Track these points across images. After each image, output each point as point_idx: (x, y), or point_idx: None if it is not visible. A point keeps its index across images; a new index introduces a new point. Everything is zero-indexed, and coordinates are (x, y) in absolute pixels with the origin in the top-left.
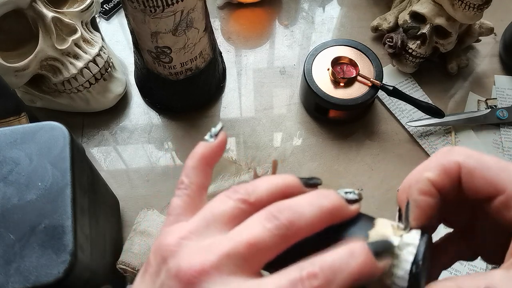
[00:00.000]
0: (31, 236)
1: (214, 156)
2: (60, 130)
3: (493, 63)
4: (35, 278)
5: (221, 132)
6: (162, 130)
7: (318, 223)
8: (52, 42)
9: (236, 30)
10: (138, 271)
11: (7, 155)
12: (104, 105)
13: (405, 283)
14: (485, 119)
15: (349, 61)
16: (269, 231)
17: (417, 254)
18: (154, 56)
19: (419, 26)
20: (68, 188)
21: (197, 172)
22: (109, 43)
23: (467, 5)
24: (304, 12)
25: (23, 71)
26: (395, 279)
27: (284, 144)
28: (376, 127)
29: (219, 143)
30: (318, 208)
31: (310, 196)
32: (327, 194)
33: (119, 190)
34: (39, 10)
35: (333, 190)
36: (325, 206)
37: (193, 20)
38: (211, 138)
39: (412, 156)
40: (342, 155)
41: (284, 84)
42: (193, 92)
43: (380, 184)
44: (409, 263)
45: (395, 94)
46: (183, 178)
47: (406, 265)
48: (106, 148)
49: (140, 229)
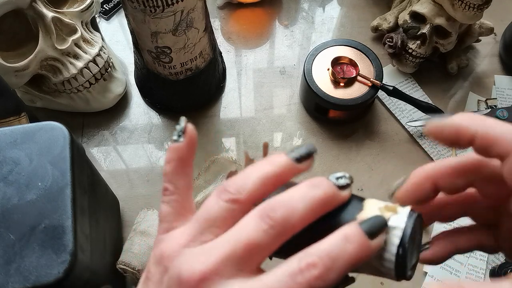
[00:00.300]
0: (31, 236)
1: (188, 155)
2: (60, 130)
3: (493, 63)
4: (35, 278)
5: (187, 126)
6: (162, 130)
7: (311, 215)
8: (52, 42)
9: (236, 30)
10: (138, 271)
11: (7, 155)
12: (104, 105)
13: (392, 265)
14: None
15: (349, 61)
16: (265, 231)
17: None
18: (154, 56)
19: (419, 26)
20: (68, 188)
21: (177, 176)
22: (109, 43)
23: (467, 5)
24: (304, 12)
25: (23, 71)
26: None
27: (284, 144)
28: (376, 127)
29: (189, 141)
30: (310, 201)
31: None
32: (319, 183)
33: (119, 190)
34: (39, 10)
35: (324, 177)
36: (318, 197)
37: (193, 20)
38: (179, 137)
39: (412, 156)
40: (342, 155)
41: (284, 84)
42: (193, 92)
43: (380, 184)
44: (395, 246)
45: (395, 94)
46: (166, 185)
47: (392, 248)
48: (106, 148)
49: (140, 229)
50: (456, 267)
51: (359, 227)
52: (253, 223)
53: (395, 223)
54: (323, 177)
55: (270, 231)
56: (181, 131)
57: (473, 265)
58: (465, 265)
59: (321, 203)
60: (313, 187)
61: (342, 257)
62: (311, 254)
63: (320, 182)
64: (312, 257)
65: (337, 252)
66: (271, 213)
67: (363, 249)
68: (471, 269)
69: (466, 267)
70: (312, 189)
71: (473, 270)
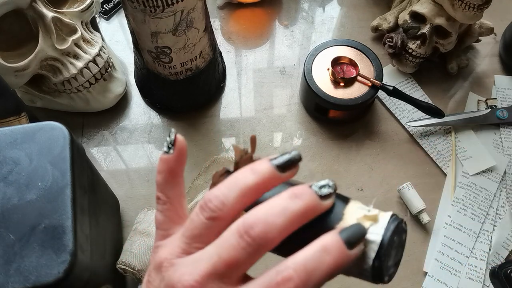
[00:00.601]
0: (31, 236)
1: (178, 166)
2: (60, 130)
3: (493, 63)
4: (35, 278)
5: (177, 139)
6: (162, 130)
7: (290, 228)
8: (52, 42)
9: (236, 30)
10: (138, 271)
11: (7, 155)
12: (104, 105)
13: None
14: (485, 119)
15: (349, 61)
16: (243, 249)
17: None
18: (154, 56)
19: (419, 26)
20: (68, 188)
21: (168, 186)
22: (109, 43)
23: (467, 5)
24: (304, 12)
25: (23, 71)
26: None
27: (284, 144)
28: (376, 127)
29: (178, 153)
30: (290, 215)
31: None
32: (301, 193)
33: (119, 190)
34: (39, 10)
35: (307, 185)
36: (298, 211)
37: (193, 20)
38: (170, 149)
39: (412, 156)
40: (342, 155)
41: (284, 84)
42: (193, 92)
43: (380, 184)
44: (371, 259)
45: (395, 94)
46: (158, 194)
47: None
48: (106, 148)
49: (140, 229)
50: (456, 267)
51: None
52: (232, 240)
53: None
54: (306, 185)
55: (249, 249)
56: (171, 143)
57: (473, 265)
58: (465, 265)
59: (301, 216)
60: (295, 199)
61: (320, 269)
62: (287, 267)
63: (303, 192)
64: (288, 271)
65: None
66: (250, 230)
67: (342, 259)
68: (471, 269)
69: (466, 267)
70: (293, 201)
71: (473, 270)
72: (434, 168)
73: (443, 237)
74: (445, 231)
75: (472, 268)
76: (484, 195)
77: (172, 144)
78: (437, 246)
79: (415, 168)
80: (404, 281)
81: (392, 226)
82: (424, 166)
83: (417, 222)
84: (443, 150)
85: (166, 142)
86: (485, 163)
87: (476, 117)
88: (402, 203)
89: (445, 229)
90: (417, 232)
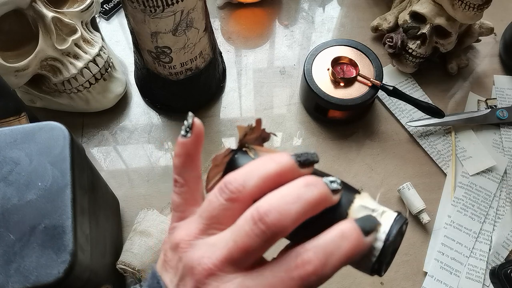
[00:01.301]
0: (31, 236)
1: (195, 150)
2: (60, 130)
3: (493, 63)
4: (35, 278)
5: (194, 122)
6: (162, 130)
7: (303, 217)
8: (52, 42)
9: (236, 30)
10: (138, 271)
11: (7, 155)
12: (104, 105)
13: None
14: (485, 119)
15: (349, 61)
16: (257, 236)
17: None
18: (154, 56)
19: (419, 26)
20: (68, 188)
21: (186, 169)
22: (109, 43)
23: (467, 5)
24: (304, 12)
25: (23, 71)
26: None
27: (284, 144)
28: (376, 127)
29: (195, 136)
30: (305, 203)
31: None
32: (316, 182)
33: (119, 190)
34: (39, 10)
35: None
36: (313, 199)
37: (193, 20)
38: (187, 133)
39: (412, 156)
40: (342, 155)
41: (284, 84)
42: (193, 92)
43: (380, 184)
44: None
45: (395, 94)
46: (176, 177)
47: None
48: (106, 148)
49: (140, 229)
50: (456, 267)
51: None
52: (247, 227)
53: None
54: (317, 177)
55: (263, 236)
56: (189, 127)
57: (473, 265)
58: (465, 265)
59: (314, 205)
60: (310, 186)
61: (338, 253)
62: (307, 250)
63: (317, 182)
64: (308, 253)
65: (333, 249)
66: (265, 217)
67: (358, 246)
68: (471, 269)
69: (466, 267)
70: (308, 189)
71: (473, 270)
72: (434, 168)
73: (443, 237)
74: (445, 231)
75: (472, 268)
76: (484, 195)
77: (190, 127)
78: (437, 246)
79: (415, 168)
80: (404, 281)
81: (395, 231)
82: (424, 166)
83: (417, 222)
84: (443, 150)
85: (184, 126)
86: (485, 163)
87: (476, 117)
88: (402, 203)
89: (445, 229)
90: (417, 232)
